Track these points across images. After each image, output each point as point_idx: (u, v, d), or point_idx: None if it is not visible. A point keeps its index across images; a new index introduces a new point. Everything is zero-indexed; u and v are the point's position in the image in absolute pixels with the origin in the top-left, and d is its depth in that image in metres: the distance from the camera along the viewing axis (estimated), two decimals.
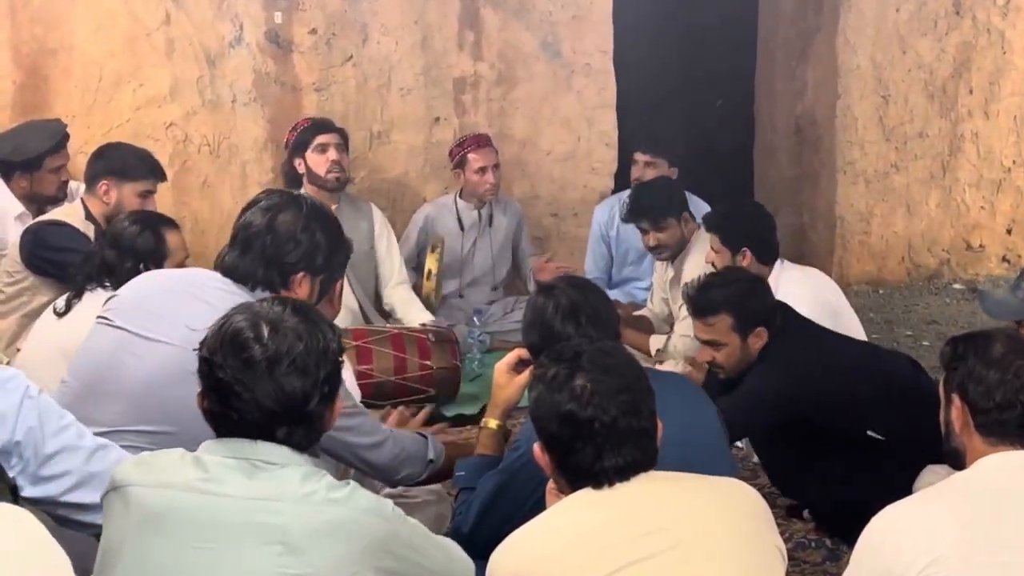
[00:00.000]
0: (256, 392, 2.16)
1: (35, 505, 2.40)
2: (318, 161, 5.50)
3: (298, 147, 5.56)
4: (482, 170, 5.96)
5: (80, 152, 4.97)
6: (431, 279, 5.74)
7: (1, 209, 4.97)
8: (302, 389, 2.18)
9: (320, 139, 5.51)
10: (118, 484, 2.18)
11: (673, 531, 2.18)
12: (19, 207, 4.99)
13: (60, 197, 5.01)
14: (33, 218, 4.78)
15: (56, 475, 2.40)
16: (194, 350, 2.26)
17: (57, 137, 5.03)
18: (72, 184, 5.09)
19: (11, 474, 2.33)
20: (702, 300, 3.94)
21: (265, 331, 2.19)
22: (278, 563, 2.07)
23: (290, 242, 2.98)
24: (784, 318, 3.96)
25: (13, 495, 2.37)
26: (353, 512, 2.14)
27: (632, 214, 5.34)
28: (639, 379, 2.36)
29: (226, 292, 2.91)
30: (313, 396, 2.20)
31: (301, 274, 3.00)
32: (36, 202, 4.99)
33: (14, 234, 4.69)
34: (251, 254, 2.97)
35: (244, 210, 3.09)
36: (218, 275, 3.01)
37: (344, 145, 5.60)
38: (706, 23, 8.21)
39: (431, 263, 5.74)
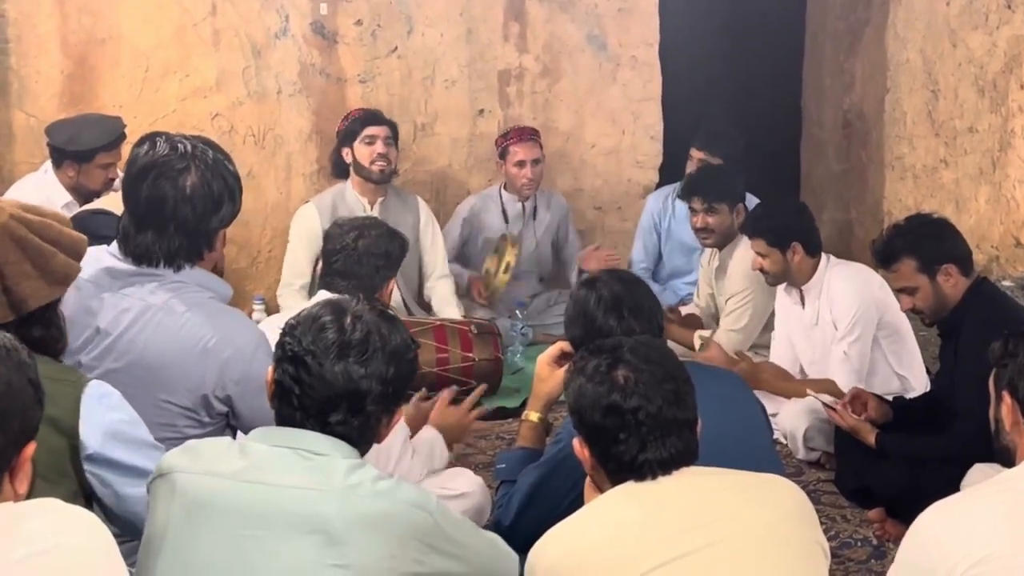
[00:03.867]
0: (325, 369, 2.20)
1: None
2: (365, 152, 5.51)
3: (347, 137, 5.58)
4: (521, 163, 5.95)
5: (127, 143, 4.99)
6: (508, 272, 5.79)
7: (47, 198, 4.99)
8: (366, 381, 2.21)
9: (369, 131, 5.52)
10: (165, 471, 2.19)
11: (716, 527, 2.16)
12: (66, 196, 5.04)
13: (104, 193, 5.04)
14: (79, 207, 4.81)
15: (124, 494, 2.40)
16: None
17: (113, 135, 5.08)
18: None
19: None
20: (883, 250, 3.98)
21: (347, 320, 2.25)
22: (320, 554, 2.07)
23: (208, 201, 2.76)
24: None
25: (87, 501, 2.36)
26: (397, 505, 2.13)
27: (688, 190, 5.32)
28: (680, 370, 2.35)
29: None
30: (374, 391, 2.22)
31: (221, 232, 2.87)
32: (81, 194, 5.03)
33: None
34: (169, 230, 2.75)
35: (134, 186, 2.78)
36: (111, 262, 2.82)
37: (393, 138, 5.59)
38: (753, 16, 8.16)
39: (510, 257, 5.79)
